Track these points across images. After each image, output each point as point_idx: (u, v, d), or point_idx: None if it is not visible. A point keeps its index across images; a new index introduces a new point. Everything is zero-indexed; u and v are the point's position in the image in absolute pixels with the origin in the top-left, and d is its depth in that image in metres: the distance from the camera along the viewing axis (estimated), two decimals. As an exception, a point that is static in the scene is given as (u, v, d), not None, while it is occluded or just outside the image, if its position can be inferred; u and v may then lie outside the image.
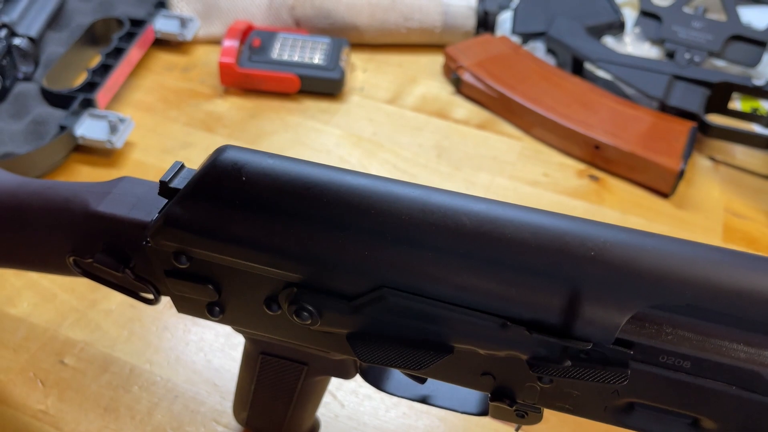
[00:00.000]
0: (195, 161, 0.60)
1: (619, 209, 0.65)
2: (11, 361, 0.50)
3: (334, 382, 0.50)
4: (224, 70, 0.73)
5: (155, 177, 0.38)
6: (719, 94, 0.70)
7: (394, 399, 0.50)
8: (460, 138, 0.72)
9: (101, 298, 0.55)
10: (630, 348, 0.26)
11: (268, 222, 0.29)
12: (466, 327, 0.28)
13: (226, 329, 0.53)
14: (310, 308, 0.30)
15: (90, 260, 0.34)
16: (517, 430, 0.37)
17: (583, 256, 0.25)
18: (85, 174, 0.65)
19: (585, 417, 0.30)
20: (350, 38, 0.81)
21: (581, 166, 0.70)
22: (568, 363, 0.27)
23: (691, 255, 0.25)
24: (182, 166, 0.32)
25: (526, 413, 0.33)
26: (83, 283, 0.55)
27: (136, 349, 0.51)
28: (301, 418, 0.43)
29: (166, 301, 0.35)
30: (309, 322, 0.30)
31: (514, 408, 0.32)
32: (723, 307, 0.24)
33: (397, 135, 0.72)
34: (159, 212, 0.31)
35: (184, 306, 0.35)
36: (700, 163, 0.71)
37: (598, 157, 0.68)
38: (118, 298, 0.55)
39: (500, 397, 0.31)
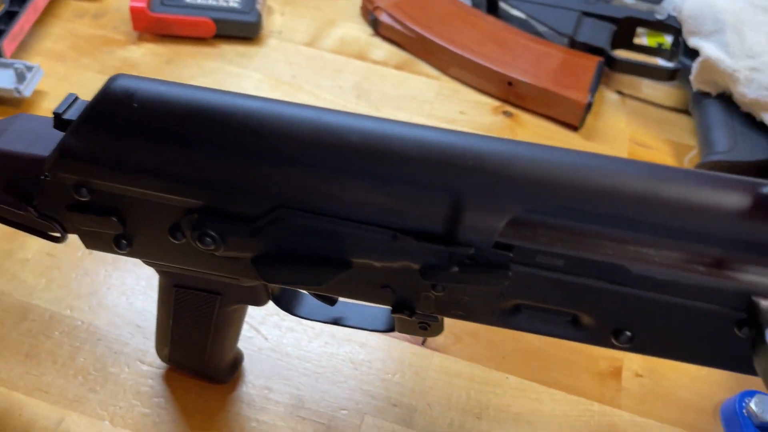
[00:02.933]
0: (107, 107, 0.59)
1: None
2: (-75, 313, 0.49)
3: (257, 317, 0.52)
4: (136, 14, 0.71)
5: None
6: (624, 30, 0.73)
7: (317, 329, 0.52)
8: (379, 79, 0.73)
9: (17, 248, 0.54)
10: (509, 251, 0.28)
11: (162, 148, 0.29)
12: (361, 241, 0.29)
13: (147, 271, 0.53)
14: (213, 234, 0.31)
15: None
16: (423, 343, 0.39)
17: (462, 167, 0.27)
18: (-7, 125, 0.63)
19: (477, 321, 0.32)
20: (266, -19, 0.80)
21: (496, 103, 0.72)
22: (456, 269, 0.29)
23: (559, 160, 0.27)
24: (76, 98, 0.32)
25: (428, 324, 0.35)
26: (-3, 234, 0.54)
27: (56, 297, 0.51)
28: (221, 350, 0.44)
29: (85, 248, 0.35)
30: (213, 247, 0.31)
31: (415, 319, 0.34)
32: (589, 207, 0.27)
33: (316, 77, 0.72)
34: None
35: (91, 241, 0.35)
36: (609, 97, 0.74)
37: (511, 93, 0.70)
38: (34, 246, 0.54)
39: (401, 309, 0.33)
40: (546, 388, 0.50)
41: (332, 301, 0.38)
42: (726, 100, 0.65)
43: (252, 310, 0.52)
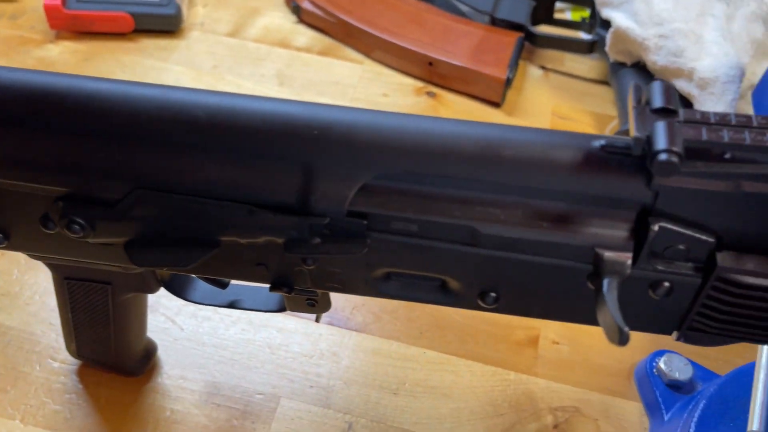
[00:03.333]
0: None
1: (454, 121, 0.68)
2: None
3: (173, 308, 0.51)
4: (50, 12, 0.70)
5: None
6: (543, 5, 0.73)
7: (234, 317, 0.52)
8: (303, 65, 0.73)
9: (-74, 253, 0.53)
10: (365, 218, 0.28)
11: (14, 135, 0.29)
12: (221, 219, 0.29)
13: (60, 269, 0.53)
14: (80, 221, 0.31)
15: None
16: (317, 320, 0.40)
17: (308, 137, 0.27)
18: None
19: (353, 293, 0.32)
20: (187, -27, 0.79)
21: (419, 84, 0.72)
22: (317, 240, 0.29)
23: (403, 126, 0.27)
24: None
25: (315, 300, 0.36)
26: None
27: (-33, 299, 0.51)
28: (126, 342, 0.44)
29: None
30: (82, 234, 0.31)
31: (300, 296, 0.35)
32: (435, 170, 0.27)
33: (238, 67, 0.72)
34: None
35: None
36: (532, 72, 0.75)
37: (433, 73, 0.70)
38: (-57, 251, 0.53)
39: (279, 286, 0.33)
40: (464, 360, 0.51)
41: (222, 285, 0.38)
42: (641, 68, 0.66)
43: (167, 301, 0.52)
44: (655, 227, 0.26)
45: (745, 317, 0.27)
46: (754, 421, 0.38)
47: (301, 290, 0.33)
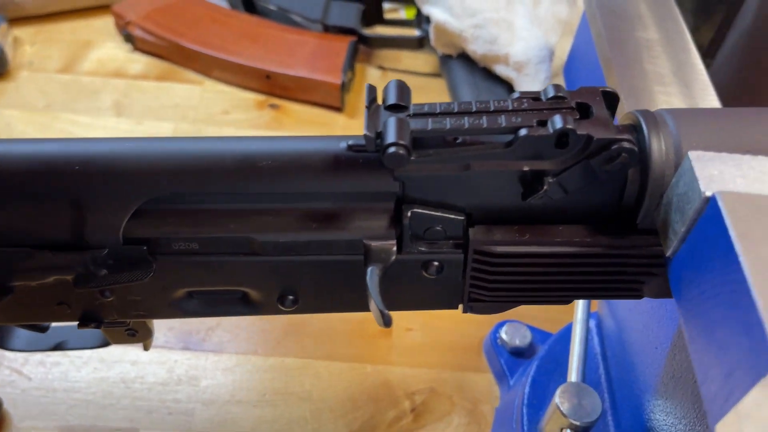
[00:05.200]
0: None
1: (297, 130, 0.69)
2: None
3: (18, 359, 0.50)
4: None
5: None
6: (371, 7, 0.76)
7: (84, 357, 0.51)
8: (140, 93, 0.72)
9: None
10: (145, 244, 0.29)
11: None
12: (4, 264, 0.29)
13: None
14: None
15: None
16: (145, 348, 0.40)
17: (70, 173, 0.27)
18: None
19: (160, 317, 0.33)
20: (9, 13, 0.76)
21: (261, 97, 0.73)
22: (104, 271, 0.29)
23: (167, 150, 0.28)
24: None
25: (134, 330, 0.36)
26: None
27: None
28: (-40, 402, 0.42)
29: None
30: None
31: (116, 328, 0.35)
32: (200, 188, 0.28)
33: (73, 103, 0.70)
34: None
35: None
36: (371, 73, 0.77)
37: (273, 86, 0.72)
38: None
39: (86, 322, 0.33)
40: (322, 361, 0.52)
41: (41, 329, 0.37)
42: (466, 58, 0.70)
43: (12, 354, 0.50)
44: (408, 213, 0.28)
45: (510, 282, 0.30)
46: (572, 374, 0.42)
47: (110, 323, 0.33)
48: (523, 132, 0.25)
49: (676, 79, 0.44)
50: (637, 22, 0.48)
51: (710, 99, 0.41)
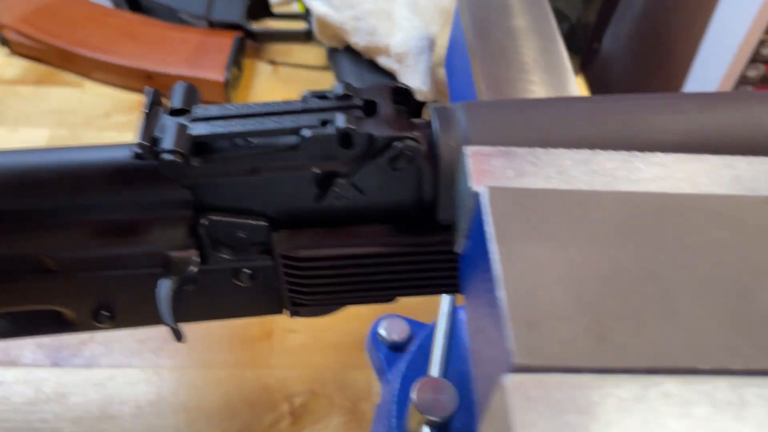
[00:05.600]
0: None
1: (182, 131, 0.67)
2: None
3: None
4: None
5: None
6: (257, 0, 0.74)
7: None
8: (17, 98, 0.69)
9: None
10: None
11: None
12: None
13: None
14: None
15: None
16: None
17: None
18: None
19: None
20: None
21: (144, 98, 0.70)
22: None
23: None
24: None
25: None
26: None
27: None
28: None
29: None
30: None
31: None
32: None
33: (-59, 113, 0.67)
34: None
35: None
36: (261, 68, 0.75)
37: (155, 86, 0.68)
38: None
39: None
40: (200, 370, 0.51)
41: None
42: (352, 51, 0.69)
43: None
44: (204, 221, 0.26)
45: (325, 285, 0.29)
46: (433, 368, 0.41)
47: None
48: (306, 133, 0.25)
49: (537, 67, 0.44)
50: (504, 10, 0.48)
51: (570, 85, 0.41)
